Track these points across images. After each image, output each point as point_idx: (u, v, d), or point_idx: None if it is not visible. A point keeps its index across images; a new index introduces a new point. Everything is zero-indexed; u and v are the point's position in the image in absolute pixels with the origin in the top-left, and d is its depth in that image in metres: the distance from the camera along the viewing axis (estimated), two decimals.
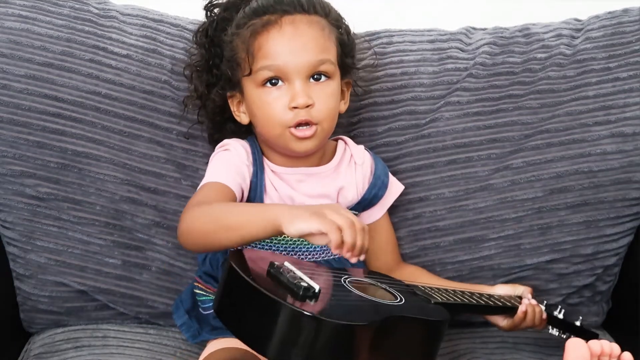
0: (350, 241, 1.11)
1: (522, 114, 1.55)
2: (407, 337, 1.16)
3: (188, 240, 1.27)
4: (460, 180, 1.53)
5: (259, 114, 1.36)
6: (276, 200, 1.38)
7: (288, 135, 1.34)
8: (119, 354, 1.44)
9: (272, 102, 1.33)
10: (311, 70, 1.33)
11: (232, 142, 1.41)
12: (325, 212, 1.13)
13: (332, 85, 1.36)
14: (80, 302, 1.51)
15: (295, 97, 1.32)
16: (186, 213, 1.27)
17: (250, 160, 1.39)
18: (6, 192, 1.48)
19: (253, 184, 1.38)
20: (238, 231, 1.20)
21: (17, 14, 1.49)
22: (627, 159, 1.52)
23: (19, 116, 1.46)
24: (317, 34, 1.35)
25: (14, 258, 1.51)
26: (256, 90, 1.35)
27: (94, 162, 1.48)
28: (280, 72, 1.32)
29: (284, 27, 1.33)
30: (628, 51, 1.57)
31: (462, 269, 1.53)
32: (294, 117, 1.32)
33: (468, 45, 1.62)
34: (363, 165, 1.45)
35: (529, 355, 1.49)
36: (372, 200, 1.46)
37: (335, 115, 1.38)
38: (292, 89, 1.32)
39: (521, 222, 1.52)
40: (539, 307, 1.40)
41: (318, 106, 1.33)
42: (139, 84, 1.51)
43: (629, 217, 1.54)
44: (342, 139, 1.48)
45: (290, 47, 1.32)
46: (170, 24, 1.58)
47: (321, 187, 1.41)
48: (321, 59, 1.33)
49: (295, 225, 1.13)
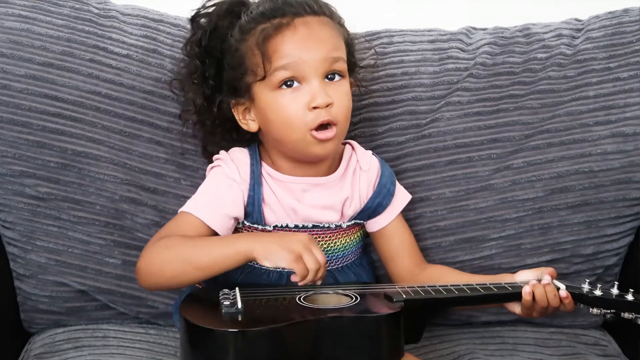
0: (311, 279, 1.23)
1: (522, 114, 1.55)
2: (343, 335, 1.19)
3: (152, 283, 1.30)
4: (461, 180, 1.53)
5: (276, 118, 1.33)
6: (278, 211, 1.38)
7: (309, 139, 1.31)
8: (119, 354, 1.44)
9: (290, 104, 1.31)
10: (327, 68, 1.32)
11: (225, 157, 1.39)
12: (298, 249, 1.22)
13: (346, 84, 1.35)
14: (81, 302, 1.51)
15: (316, 97, 1.30)
16: (150, 251, 1.29)
17: (246, 173, 1.37)
18: (6, 192, 1.48)
19: (250, 197, 1.37)
20: (210, 269, 1.25)
21: (17, 14, 1.49)
22: (628, 159, 1.52)
23: (19, 116, 1.46)
24: (330, 33, 1.34)
25: (14, 258, 1.51)
26: (271, 93, 1.32)
27: (94, 162, 1.48)
28: (297, 71, 1.30)
29: (298, 27, 1.32)
30: (628, 51, 1.57)
31: (463, 269, 1.52)
32: (316, 118, 1.30)
33: (468, 45, 1.62)
34: (369, 171, 1.44)
35: (529, 356, 1.49)
36: (376, 209, 1.44)
37: (350, 115, 1.36)
38: (311, 88, 1.30)
39: (522, 222, 1.52)
40: (550, 286, 1.29)
41: (336, 105, 1.31)
42: (139, 83, 1.51)
43: (629, 217, 1.54)
44: (349, 143, 1.46)
45: (306, 45, 1.31)
46: (171, 24, 1.58)
47: (326, 197, 1.39)
48: (336, 56, 1.33)
49: (271, 260, 1.22)
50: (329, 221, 1.40)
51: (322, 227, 1.39)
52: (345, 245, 1.42)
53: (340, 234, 1.41)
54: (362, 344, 1.20)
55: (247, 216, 1.37)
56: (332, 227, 1.40)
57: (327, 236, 1.40)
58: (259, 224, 1.38)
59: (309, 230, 1.38)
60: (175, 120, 1.50)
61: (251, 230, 1.38)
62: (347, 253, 1.43)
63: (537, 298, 1.28)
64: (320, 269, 1.23)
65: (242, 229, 1.39)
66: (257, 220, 1.37)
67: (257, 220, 1.37)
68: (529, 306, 1.29)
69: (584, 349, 1.51)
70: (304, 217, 1.38)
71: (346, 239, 1.42)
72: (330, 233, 1.40)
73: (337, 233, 1.41)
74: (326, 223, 1.39)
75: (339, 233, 1.41)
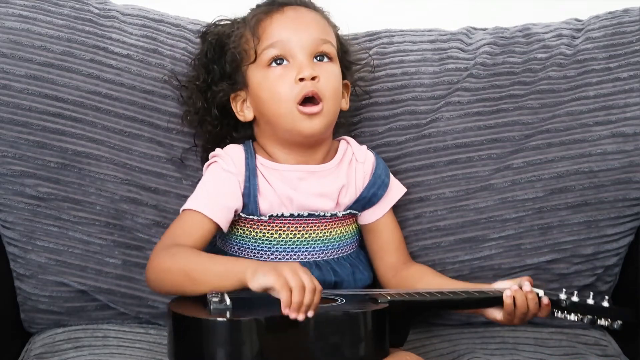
0: (297, 301, 1.16)
1: (522, 114, 1.55)
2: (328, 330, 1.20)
3: (156, 287, 1.32)
4: (461, 180, 1.53)
5: (265, 94, 1.38)
6: (273, 200, 1.39)
7: (296, 113, 1.35)
8: (120, 354, 1.44)
9: (279, 78, 1.37)
10: (314, 47, 1.38)
11: (220, 153, 1.42)
12: (284, 271, 1.18)
13: (334, 66, 1.41)
14: (81, 302, 1.51)
15: (302, 69, 1.35)
16: (157, 255, 1.31)
17: (241, 165, 1.39)
18: (6, 192, 1.48)
19: (246, 189, 1.38)
20: (205, 286, 1.25)
21: (17, 14, 1.49)
22: (628, 159, 1.52)
23: (20, 116, 1.46)
24: (317, 18, 1.42)
25: (14, 258, 1.51)
26: (262, 72, 1.38)
27: (94, 162, 1.48)
28: (285, 49, 1.37)
29: (286, 12, 1.40)
30: (629, 51, 1.57)
31: (463, 269, 1.52)
32: (301, 90, 1.35)
33: (468, 46, 1.62)
34: (365, 163, 1.46)
35: (529, 356, 1.49)
36: (371, 199, 1.46)
37: (338, 98, 1.40)
38: (297, 63, 1.36)
39: (522, 222, 1.52)
40: (532, 294, 1.30)
41: (323, 81, 1.36)
42: (139, 83, 1.51)
43: (629, 217, 1.54)
44: (344, 138, 1.48)
45: (293, 25, 1.39)
46: (171, 24, 1.58)
47: (322, 186, 1.41)
48: (323, 37, 1.39)
49: (256, 279, 1.19)
50: (324, 209, 1.41)
51: (318, 215, 1.40)
52: (341, 235, 1.43)
53: (335, 224, 1.42)
54: (347, 340, 1.21)
55: (243, 207, 1.39)
56: (328, 216, 1.41)
57: (322, 225, 1.41)
58: (254, 215, 1.38)
59: (305, 219, 1.40)
60: (176, 120, 1.51)
61: (246, 222, 1.39)
62: (342, 244, 1.43)
63: (517, 303, 1.29)
64: (307, 292, 1.17)
65: (238, 223, 1.40)
66: (253, 211, 1.38)
67: (252, 211, 1.38)
68: (510, 311, 1.30)
69: (584, 349, 1.51)
70: (299, 205, 1.39)
71: (342, 229, 1.43)
72: (325, 222, 1.41)
73: (333, 222, 1.42)
74: (321, 211, 1.40)
75: (334, 222, 1.42)
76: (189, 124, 1.50)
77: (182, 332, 1.21)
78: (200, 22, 1.59)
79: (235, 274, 1.23)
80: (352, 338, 1.22)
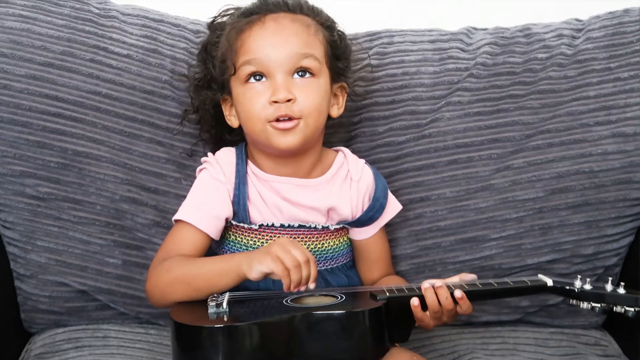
0: (296, 279, 1.22)
1: (523, 114, 1.55)
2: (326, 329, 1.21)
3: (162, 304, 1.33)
4: (461, 180, 1.53)
5: (242, 110, 1.36)
6: (263, 210, 1.38)
7: (270, 129, 1.33)
8: (120, 354, 1.44)
9: (254, 97, 1.34)
10: (293, 64, 1.33)
11: (210, 159, 1.41)
12: (277, 252, 1.21)
13: (316, 81, 1.35)
14: (81, 302, 1.51)
15: (276, 92, 1.32)
16: (153, 274, 1.33)
17: (231, 172, 1.39)
18: (6, 192, 1.48)
19: (235, 197, 1.38)
20: (209, 289, 1.28)
21: (17, 14, 1.49)
22: (628, 159, 1.52)
23: (20, 116, 1.46)
24: (300, 30, 1.35)
25: (15, 258, 1.51)
26: (241, 87, 1.35)
27: (94, 162, 1.48)
28: (262, 66, 1.33)
29: (266, 23, 1.35)
30: (629, 51, 1.57)
31: (463, 269, 1.52)
32: (274, 112, 1.32)
33: (469, 45, 1.62)
34: (359, 182, 1.43)
35: (529, 356, 1.49)
36: (366, 222, 1.44)
37: (321, 113, 1.36)
38: (274, 83, 1.33)
39: (522, 222, 1.52)
40: (443, 289, 1.24)
41: (300, 101, 1.32)
42: (139, 83, 1.51)
43: (629, 217, 1.54)
44: (341, 150, 1.46)
45: (271, 40, 1.34)
46: (171, 24, 1.58)
47: (312, 200, 1.39)
48: (304, 52, 1.34)
49: (254, 270, 1.23)
50: (315, 222, 1.40)
51: (309, 227, 1.39)
52: (334, 247, 1.42)
53: (327, 236, 1.41)
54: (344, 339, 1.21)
55: (233, 215, 1.38)
56: (319, 228, 1.40)
57: (314, 237, 1.40)
58: (244, 223, 1.38)
59: (295, 230, 1.39)
60: (176, 120, 1.51)
61: (238, 229, 1.39)
62: (336, 255, 1.43)
63: (427, 301, 1.24)
64: (303, 267, 1.22)
65: (230, 229, 1.40)
66: (243, 219, 1.38)
67: (242, 219, 1.38)
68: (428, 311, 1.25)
69: (584, 349, 1.51)
70: (289, 216, 1.38)
71: (334, 241, 1.43)
72: (317, 234, 1.40)
73: (325, 234, 1.41)
74: (312, 223, 1.40)
75: (326, 234, 1.41)
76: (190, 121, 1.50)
77: (181, 339, 1.22)
78: (201, 22, 1.59)
79: (232, 270, 1.26)
80: (350, 336, 1.22)
